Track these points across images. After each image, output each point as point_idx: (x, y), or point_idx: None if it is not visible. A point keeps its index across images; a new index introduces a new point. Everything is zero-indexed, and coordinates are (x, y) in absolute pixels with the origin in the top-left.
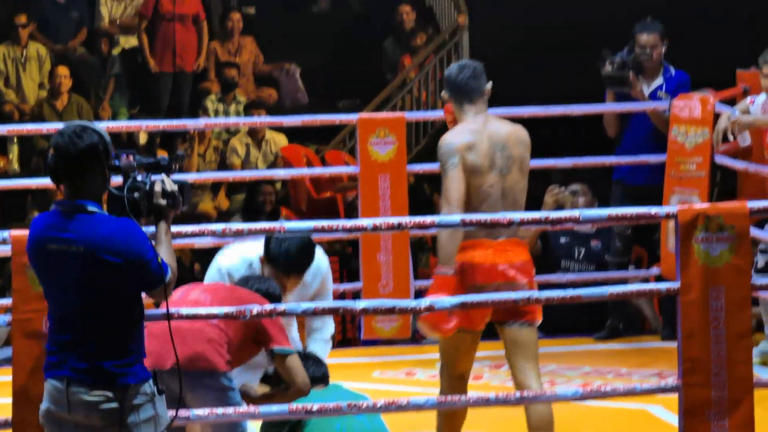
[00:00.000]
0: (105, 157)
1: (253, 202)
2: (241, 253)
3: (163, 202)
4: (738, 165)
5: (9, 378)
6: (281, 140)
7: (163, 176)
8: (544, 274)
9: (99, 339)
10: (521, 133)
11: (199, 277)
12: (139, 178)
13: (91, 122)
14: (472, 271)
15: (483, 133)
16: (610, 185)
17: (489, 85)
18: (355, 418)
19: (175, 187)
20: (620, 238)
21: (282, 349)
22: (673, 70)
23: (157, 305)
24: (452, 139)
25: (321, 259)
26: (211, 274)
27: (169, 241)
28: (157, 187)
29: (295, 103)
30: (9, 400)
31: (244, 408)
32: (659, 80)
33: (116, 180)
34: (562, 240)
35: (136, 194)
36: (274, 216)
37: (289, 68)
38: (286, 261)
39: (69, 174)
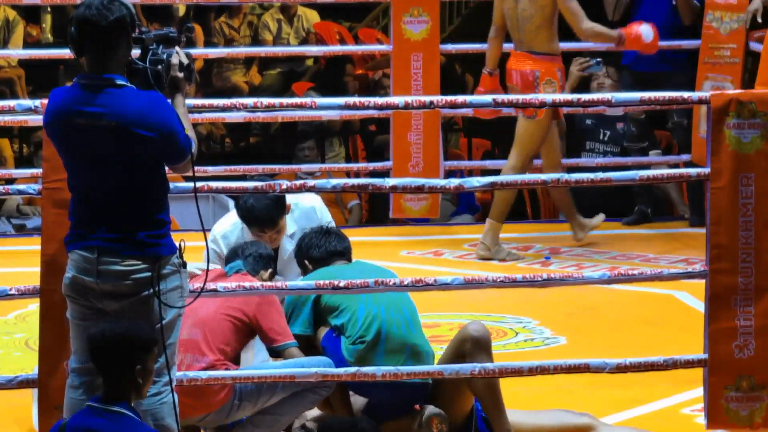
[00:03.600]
0: (131, 30)
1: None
2: (232, 219)
3: (180, 74)
4: None
5: (38, 247)
6: (313, 16)
7: (177, 49)
8: (570, 158)
9: (131, 210)
10: None
11: (231, 152)
12: (157, 50)
13: None
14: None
15: None
16: None
17: None
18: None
19: (189, 60)
20: (635, 123)
21: (280, 347)
22: None
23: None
24: None
25: (310, 200)
26: (209, 244)
27: (186, 114)
28: (175, 60)
29: None
30: (38, 269)
31: (269, 284)
32: None
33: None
34: (588, 122)
35: (159, 67)
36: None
37: None
38: (254, 218)
39: (96, 47)
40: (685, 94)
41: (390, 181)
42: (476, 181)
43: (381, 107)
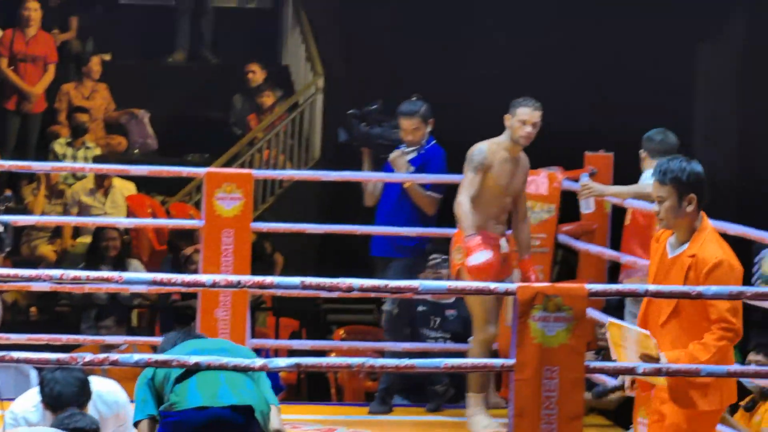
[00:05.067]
0: None
1: (96, 248)
2: (34, 399)
3: None
4: (579, 245)
5: None
6: (128, 188)
7: None
8: (403, 342)
9: None
10: None
11: (36, 320)
12: None
13: None
14: None
15: None
16: None
17: None
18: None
19: (1, 229)
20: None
21: None
22: (431, 145)
23: None
24: None
25: (117, 392)
26: (7, 422)
27: None
28: None
29: (145, 149)
30: None
31: None
32: (413, 155)
33: None
34: (420, 308)
35: None
36: (119, 262)
37: (138, 113)
38: (60, 405)
39: None
40: (492, 285)
41: (194, 358)
42: (281, 362)
43: (189, 284)
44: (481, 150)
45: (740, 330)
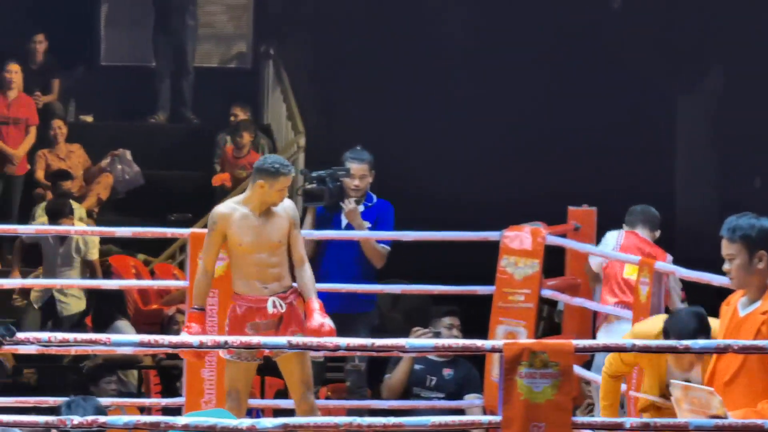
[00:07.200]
0: None
1: None
2: None
3: None
4: (564, 300)
5: None
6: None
7: None
8: (400, 400)
9: None
10: None
11: (23, 383)
12: None
13: None
14: None
15: None
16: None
17: None
18: None
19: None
20: (351, 374)
21: None
22: (375, 199)
23: None
24: None
25: None
26: None
27: None
28: None
29: (133, 184)
30: None
31: None
32: (360, 208)
33: None
34: (417, 367)
35: None
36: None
37: (119, 153)
38: None
39: None
40: (479, 342)
41: (182, 420)
42: (268, 422)
43: (175, 346)
44: (213, 214)
45: None
